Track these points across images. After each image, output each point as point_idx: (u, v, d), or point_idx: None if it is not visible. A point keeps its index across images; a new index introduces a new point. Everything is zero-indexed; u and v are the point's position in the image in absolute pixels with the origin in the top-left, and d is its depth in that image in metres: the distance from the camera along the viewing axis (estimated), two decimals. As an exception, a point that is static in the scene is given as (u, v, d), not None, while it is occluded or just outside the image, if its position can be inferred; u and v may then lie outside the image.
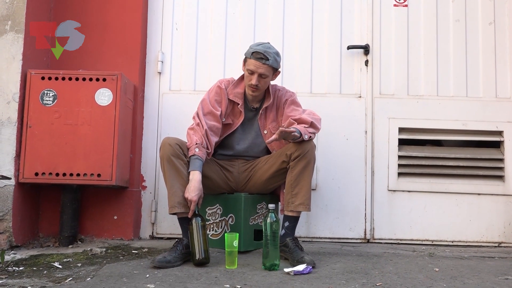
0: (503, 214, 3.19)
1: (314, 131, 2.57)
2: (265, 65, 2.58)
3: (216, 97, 2.70)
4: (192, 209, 2.41)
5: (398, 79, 3.30)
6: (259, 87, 2.63)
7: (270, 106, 2.76)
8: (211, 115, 2.64)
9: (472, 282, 2.12)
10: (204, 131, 2.57)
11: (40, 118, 2.82)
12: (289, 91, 2.80)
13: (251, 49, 2.60)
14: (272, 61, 2.59)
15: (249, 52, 2.61)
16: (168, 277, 2.14)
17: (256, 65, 2.57)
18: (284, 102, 2.74)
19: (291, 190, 2.56)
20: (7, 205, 2.75)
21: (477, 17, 3.33)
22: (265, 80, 2.62)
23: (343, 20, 3.35)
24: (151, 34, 3.36)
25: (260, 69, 2.57)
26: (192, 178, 2.47)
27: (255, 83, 2.59)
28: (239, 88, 2.73)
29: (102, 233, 3.09)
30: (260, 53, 2.57)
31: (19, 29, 2.86)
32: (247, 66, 2.62)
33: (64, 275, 2.19)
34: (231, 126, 2.73)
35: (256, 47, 2.60)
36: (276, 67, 2.64)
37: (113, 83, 2.86)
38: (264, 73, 2.59)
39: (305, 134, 2.49)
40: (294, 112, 2.67)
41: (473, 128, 3.24)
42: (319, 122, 2.63)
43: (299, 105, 2.75)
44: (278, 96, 2.77)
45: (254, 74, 2.59)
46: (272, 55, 2.59)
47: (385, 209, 3.21)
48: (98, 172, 2.80)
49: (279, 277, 2.16)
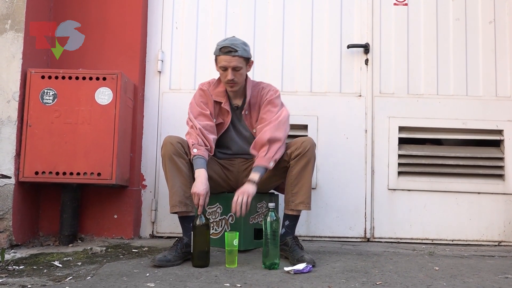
0: (503, 213, 3.19)
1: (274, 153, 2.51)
2: (236, 57, 2.55)
3: (201, 99, 2.69)
4: (201, 204, 2.37)
5: (398, 78, 3.30)
6: (236, 81, 2.60)
7: (253, 104, 2.72)
8: (201, 115, 2.64)
9: (472, 281, 2.12)
10: (198, 130, 2.57)
11: (40, 117, 2.82)
12: (272, 89, 2.72)
13: (218, 46, 2.58)
14: (242, 51, 2.56)
15: (217, 50, 2.58)
16: (168, 276, 2.14)
17: (227, 60, 2.55)
18: (264, 101, 2.69)
19: (291, 189, 2.56)
20: (7, 204, 2.75)
21: (477, 16, 3.33)
22: (240, 73, 2.59)
23: (343, 19, 3.35)
24: (151, 33, 3.36)
25: (232, 62, 2.55)
26: (198, 176, 2.45)
27: (231, 78, 2.57)
28: (220, 87, 2.71)
29: (102, 232, 3.09)
30: (228, 47, 2.54)
31: (19, 28, 2.86)
32: (219, 64, 2.59)
33: (64, 274, 2.20)
34: (223, 125, 2.72)
35: (222, 42, 2.58)
36: (247, 56, 2.60)
37: (113, 82, 2.86)
38: (237, 65, 2.56)
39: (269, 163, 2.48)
40: (267, 114, 2.63)
41: (473, 127, 3.24)
42: (282, 127, 2.57)
43: (276, 105, 2.66)
44: (261, 94, 2.71)
45: (228, 69, 2.56)
46: (240, 46, 2.57)
47: (385, 208, 3.21)
48: (98, 171, 2.80)
49: (279, 276, 2.16)
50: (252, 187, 2.44)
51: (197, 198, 2.39)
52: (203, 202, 2.39)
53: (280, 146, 2.54)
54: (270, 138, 2.52)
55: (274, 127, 2.56)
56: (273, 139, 2.53)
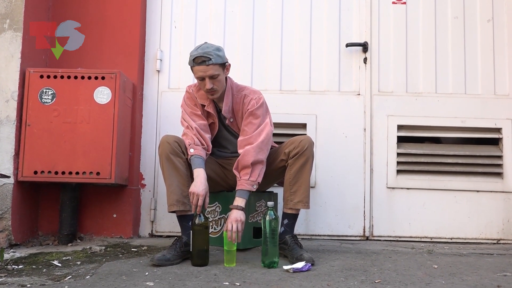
0: (502, 211, 3.19)
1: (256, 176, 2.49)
2: (210, 65, 2.47)
3: (190, 101, 2.68)
4: (200, 204, 2.36)
5: (396, 76, 3.30)
6: (215, 89, 2.54)
7: (237, 112, 2.66)
8: (194, 115, 2.63)
9: (470, 279, 2.12)
10: (194, 130, 2.56)
11: (39, 116, 2.82)
12: (254, 98, 2.62)
13: (191, 57, 2.50)
14: (216, 58, 2.49)
15: (190, 60, 2.51)
16: (167, 275, 2.14)
17: (202, 70, 2.49)
18: (245, 111, 2.62)
19: (290, 187, 2.56)
20: (6, 204, 2.75)
21: (475, 14, 3.33)
22: (218, 79, 2.53)
23: (342, 18, 3.35)
24: (150, 32, 3.36)
25: (208, 71, 2.48)
26: (197, 175, 2.44)
27: (210, 87, 2.51)
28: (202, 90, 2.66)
29: (101, 231, 3.09)
30: (200, 57, 2.46)
31: (18, 28, 2.86)
32: (196, 74, 2.53)
33: (64, 273, 2.20)
34: (214, 126, 2.70)
35: (194, 52, 2.50)
36: (222, 62, 2.53)
37: (112, 81, 2.86)
38: (214, 73, 2.49)
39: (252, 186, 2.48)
40: (248, 127, 2.57)
41: (471, 125, 3.24)
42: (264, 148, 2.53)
43: (257, 116, 2.59)
44: (243, 102, 2.64)
45: (205, 78, 2.50)
46: (213, 53, 2.48)
47: (384, 207, 3.21)
48: (97, 170, 2.80)
49: (278, 274, 2.16)
50: (242, 214, 2.42)
51: (196, 198, 2.37)
52: (201, 202, 2.37)
53: (262, 167, 2.53)
54: (254, 161, 2.49)
55: (257, 149, 2.51)
56: (255, 162, 2.50)
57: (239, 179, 2.51)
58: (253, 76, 3.26)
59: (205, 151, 2.56)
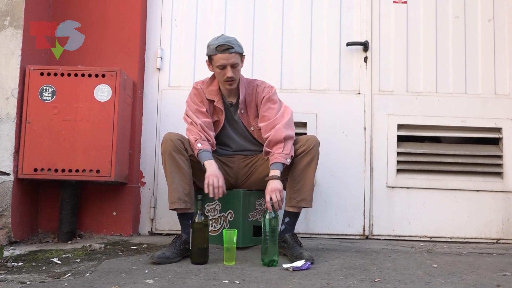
0: (502, 210, 3.19)
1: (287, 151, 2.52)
2: (233, 54, 2.57)
3: (196, 98, 2.70)
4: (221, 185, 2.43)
5: (397, 75, 3.30)
6: (234, 78, 2.61)
7: (249, 102, 2.72)
8: (198, 112, 2.65)
9: (470, 278, 2.12)
10: (198, 126, 2.58)
11: (39, 114, 2.82)
12: (267, 86, 2.73)
13: (213, 45, 2.57)
14: (237, 47, 2.59)
15: (212, 49, 2.58)
16: (167, 273, 2.14)
17: (225, 58, 2.56)
18: (262, 99, 2.69)
19: (293, 185, 2.56)
20: (6, 201, 2.75)
21: (476, 14, 3.33)
22: (237, 69, 2.62)
23: (343, 17, 3.35)
24: (150, 30, 3.36)
25: (231, 59, 2.56)
26: (210, 165, 2.48)
27: (231, 75, 2.58)
28: (213, 85, 2.72)
29: (101, 229, 3.09)
30: (224, 45, 2.55)
31: (18, 25, 2.86)
32: (217, 63, 2.58)
33: (63, 271, 2.20)
34: (219, 123, 2.73)
35: (215, 41, 2.58)
36: (242, 52, 2.64)
37: (112, 79, 2.86)
38: (235, 62, 2.58)
39: (286, 159, 2.50)
40: (269, 112, 2.64)
41: (472, 125, 3.24)
42: (291, 125, 2.61)
43: (275, 101, 2.69)
44: (256, 92, 2.72)
45: (227, 67, 2.57)
46: (235, 42, 2.60)
47: (384, 206, 3.21)
48: (97, 168, 2.80)
49: (277, 273, 2.16)
50: (279, 182, 2.46)
51: (216, 180, 2.42)
52: (222, 183, 2.43)
53: (292, 143, 2.57)
54: (286, 136, 2.54)
55: (286, 125, 2.58)
56: (287, 137, 2.55)
57: (272, 154, 2.54)
58: (253, 74, 3.25)
59: (210, 146, 2.58)
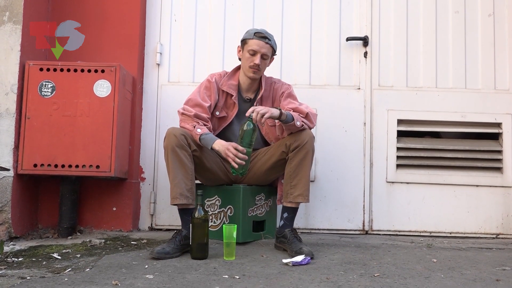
0: (501, 205, 3.20)
1: (307, 123, 2.57)
2: (268, 45, 2.65)
3: (205, 91, 2.71)
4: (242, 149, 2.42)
5: (397, 70, 3.29)
6: (260, 68, 2.66)
7: (266, 98, 2.76)
8: (198, 106, 2.65)
9: (469, 273, 2.13)
10: (192, 115, 2.60)
11: (39, 109, 2.82)
12: (285, 84, 2.81)
13: (252, 31, 2.68)
14: (273, 42, 2.69)
15: (251, 33, 2.66)
16: (167, 268, 2.15)
17: (259, 45, 2.63)
18: (281, 94, 2.75)
19: (290, 181, 2.56)
20: (6, 197, 2.75)
21: (476, 9, 3.32)
22: (265, 62, 2.68)
23: (342, 12, 3.34)
24: (150, 26, 3.35)
25: (263, 48, 2.63)
26: (218, 141, 2.50)
27: (258, 62, 2.63)
28: (233, 80, 2.75)
29: (101, 224, 3.10)
30: (262, 33, 2.64)
31: (17, 20, 2.85)
32: (250, 47, 2.64)
33: (63, 266, 2.20)
34: (226, 119, 2.74)
35: (254, 29, 2.69)
36: (275, 49, 2.73)
37: (112, 74, 2.86)
38: (266, 53, 2.65)
39: (297, 120, 2.50)
40: (291, 105, 2.66)
41: (471, 120, 3.24)
42: (315, 117, 2.65)
43: (295, 98, 2.75)
44: (274, 88, 2.78)
45: (257, 54, 2.63)
46: (272, 37, 2.70)
47: (383, 201, 3.22)
48: (97, 164, 2.80)
49: (277, 267, 2.17)
50: (276, 110, 2.46)
51: (233, 148, 2.42)
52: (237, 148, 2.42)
53: (309, 126, 2.59)
54: (308, 114, 2.57)
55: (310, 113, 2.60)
56: (309, 117, 2.58)
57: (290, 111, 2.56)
58: (253, 70, 3.24)
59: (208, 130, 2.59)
